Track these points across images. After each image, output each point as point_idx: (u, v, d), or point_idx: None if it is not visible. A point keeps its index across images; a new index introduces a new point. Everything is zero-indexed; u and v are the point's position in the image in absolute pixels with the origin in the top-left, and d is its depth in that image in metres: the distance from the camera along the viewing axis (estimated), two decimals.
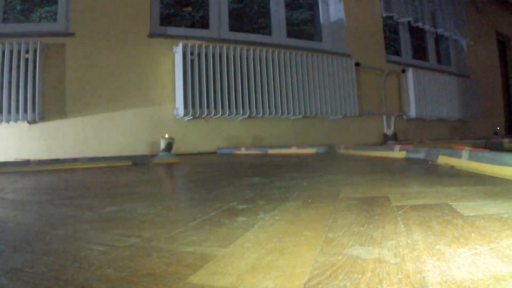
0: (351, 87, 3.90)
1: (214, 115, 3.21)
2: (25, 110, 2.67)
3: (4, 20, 3.01)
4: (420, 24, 4.78)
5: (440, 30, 5.01)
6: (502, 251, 0.46)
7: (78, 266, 0.47)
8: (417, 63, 4.92)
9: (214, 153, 3.28)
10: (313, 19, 4.39)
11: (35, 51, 2.72)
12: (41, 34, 2.86)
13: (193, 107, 3.13)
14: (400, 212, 0.70)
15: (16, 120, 2.66)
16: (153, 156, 2.64)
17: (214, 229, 0.64)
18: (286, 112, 3.51)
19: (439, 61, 5.35)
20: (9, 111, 2.64)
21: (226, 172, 1.77)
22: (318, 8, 4.25)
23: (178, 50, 3.14)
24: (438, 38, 5.33)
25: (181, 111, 3.10)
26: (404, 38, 4.86)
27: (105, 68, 3.01)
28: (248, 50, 3.39)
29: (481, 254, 0.45)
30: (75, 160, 2.36)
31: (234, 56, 3.32)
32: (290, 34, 4.05)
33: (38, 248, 0.56)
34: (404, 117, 4.49)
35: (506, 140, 2.95)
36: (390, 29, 4.97)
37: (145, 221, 0.73)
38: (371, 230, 0.59)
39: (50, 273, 0.45)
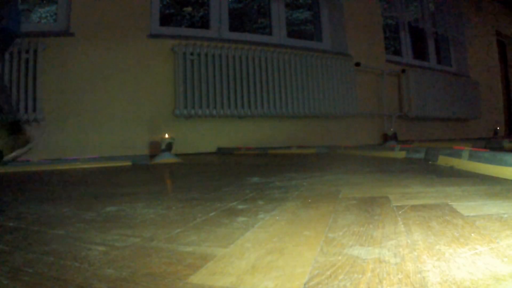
0: (351, 87, 3.90)
1: (214, 115, 3.21)
2: (26, 110, 2.67)
3: None
4: (420, 24, 4.77)
5: (440, 30, 5.00)
6: (502, 251, 0.46)
7: (78, 266, 0.47)
8: (417, 63, 4.91)
9: (214, 153, 3.28)
10: (313, 19, 4.39)
11: (35, 51, 2.72)
12: (41, 34, 2.85)
13: (193, 107, 3.13)
14: (400, 212, 0.70)
15: (16, 120, 2.66)
16: (153, 156, 2.64)
17: (214, 229, 0.64)
18: (286, 112, 3.51)
19: (439, 61, 5.34)
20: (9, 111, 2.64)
21: (226, 172, 1.77)
22: (318, 8, 4.25)
23: (178, 50, 3.14)
24: (438, 38, 5.32)
25: (181, 111, 3.09)
26: (404, 38, 4.86)
27: (105, 68, 3.01)
28: (248, 50, 3.38)
29: (481, 254, 0.45)
30: (75, 160, 2.37)
31: (234, 56, 3.32)
32: (290, 34, 4.05)
33: (38, 248, 0.56)
34: (404, 117, 4.48)
35: (506, 140, 2.95)
36: (390, 29, 4.97)
37: (145, 221, 0.73)
38: (371, 230, 0.59)
39: (50, 273, 0.45)
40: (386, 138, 4.05)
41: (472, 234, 0.54)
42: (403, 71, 4.43)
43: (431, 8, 4.96)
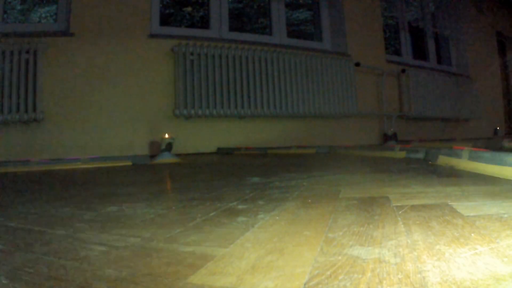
0: (351, 87, 3.90)
1: (214, 115, 3.22)
2: (26, 110, 2.67)
3: (4, 20, 3.01)
4: (420, 24, 4.77)
5: (440, 30, 5.00)
6: (502, 251, 0.46)
7: (78, 266, 0.47)
8: (417, 63, 4.91)
9: (214, 153, 3.28)
10: (313, 19, 4.39)
11: (35, 51, 2.72)
12: (41, 34, 2.86)
13: (193, 107, 3.13)
14: (400, 212, 0.70)
15: (16, 120, 2.66)
16: (153, 156, 2.64)
17: (214, 229, 0.64)
18: (286, 112, 3.51)
19: (439, 61, 5.34)
20: (9, 111, 2.64)
21: (226, 172, 1.77)
22: (318, 8, 4.25)
23: (178, 50, 3.14)
24: (438, 38, 5.32)
25: (181, 111, 3.10)
26: (404, 38, 4.86)
27: (105, 68, 3.01)
28: (248, 50, 3.38)
29: (481, 254, 0.45)
30: (75, 160, 2.37)
31: (234, 56, 3.32)
32: (290, 34, 4.05)
33: (38, 248, 0.56)
34: (404, 117, 4.48)
35: (506, 140, 2.95)
36: (390, 29, 4.97)
37: (145, 221, 0.73)
38: (371, 230, 0.59)
39: (50, 273, 0.45)
40: (386, 138, 4.05)
41: (472, 234, 0.54)
42: (403, 71, 4.43)
43: (431, 8, 4.95)
